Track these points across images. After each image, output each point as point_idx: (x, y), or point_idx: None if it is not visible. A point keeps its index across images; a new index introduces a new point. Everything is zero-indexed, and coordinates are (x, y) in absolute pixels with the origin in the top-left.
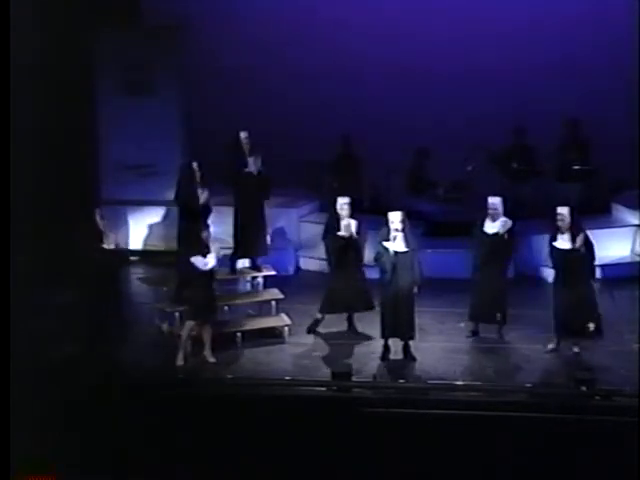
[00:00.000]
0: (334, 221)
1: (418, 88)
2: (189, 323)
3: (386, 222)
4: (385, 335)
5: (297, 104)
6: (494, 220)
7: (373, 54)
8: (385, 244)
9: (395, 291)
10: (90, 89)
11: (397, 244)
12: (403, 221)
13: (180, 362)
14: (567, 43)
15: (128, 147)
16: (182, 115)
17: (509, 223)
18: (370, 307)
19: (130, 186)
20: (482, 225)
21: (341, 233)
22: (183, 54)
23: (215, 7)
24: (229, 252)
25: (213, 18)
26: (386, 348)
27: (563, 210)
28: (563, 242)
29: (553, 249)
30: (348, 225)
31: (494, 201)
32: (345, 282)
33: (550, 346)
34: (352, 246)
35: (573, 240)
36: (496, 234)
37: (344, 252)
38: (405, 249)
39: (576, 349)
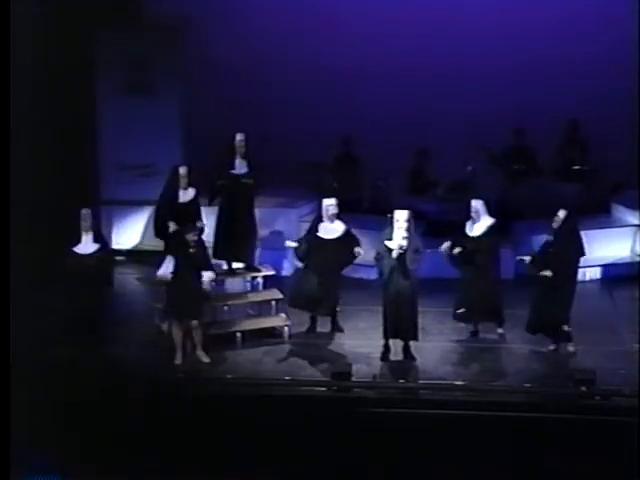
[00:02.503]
0: (317, 222)
1: (418, 88)
2: (175, 322)
3: (390, 221)
4: (387, 336)
5: (297, 104)
6: (474, 223)
7: (373, 54)
8: (387, 243)
9: (398, 291)
10: (90, 89)
11: (401, 243)
12: (408, 220)
13: (178, 361)
14: (567, 43)
15: (128, 147)
16: (182, 115)
17: (489, 222)
18: (328, 314)
19: (130, 186)
20: (463, 229)
21: (323, 236)
22: (183, 54)
23: (215, 7)
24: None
25: (213, 18)
26: (386, 348)
27: (560, 213)
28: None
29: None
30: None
31: (475, 204)
32: (314, 283)
33: (551, 347)
34: (331, 250)
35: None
36: (476, 237)
37: (320, 254)
38: (403, 250)
39: (571, 348)
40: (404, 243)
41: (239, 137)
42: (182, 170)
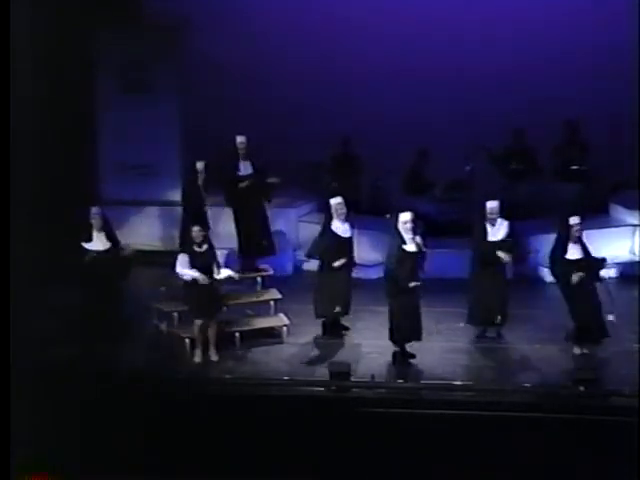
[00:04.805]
0: (329, 222)
1: (418, 88)
2: (197, 321)
3: (395, 225)
4: (400, 339)
5: (297, 104)
6: (493, 225)
7: (373, 54)
8: (405, 247)
9: (417, 291)
10: (90, 89)
11: (411, 246)
12: (414, 221)
13: (198, 359)
14: (567, 43)
15: (128, 147)
16: (182, 115)
17: (506, 226)
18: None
19: (130, 186)
20: (484, 232)
21: (341, 234)
22: (183, 54)
23: (215, 7)
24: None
25: (213, 18)
26: (398, 353)
27: (577, 220)
28: (575, 253)
29: (564, 261)
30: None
31: (493, 205)
32: (339, 284)
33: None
34: (347, 248)
35: (584, 251)
36: (500, 241)
37: (339, 254)
38: (419, 250)
39: (584, 350)
40: (419, 241)
41: (240, 139)
42: (200, 167)
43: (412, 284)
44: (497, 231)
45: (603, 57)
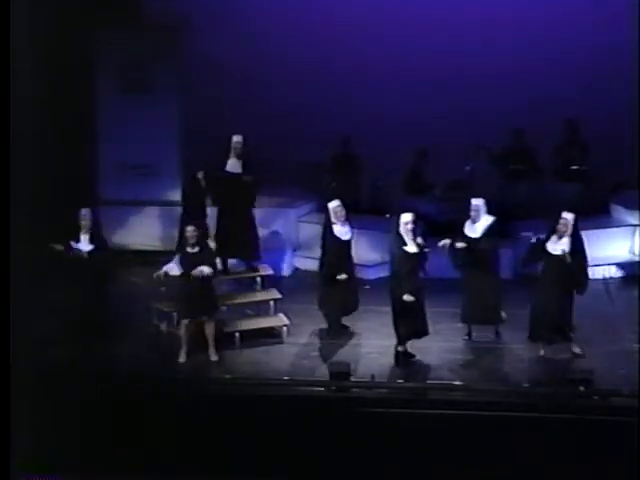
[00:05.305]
0: (329, 225)
1: (418, 88)
2: (183, 321)
3: (396, 226)
4: (405, 340)
5: (297, 104)
6: (474, 222)
7: (373, 54)
8: (405, 248)
9: (418, 290)
10: (90, 89)
11: (411, 246)
12: (415, 222)
13: (182, 359)
14: (567, 43)
15: (128, 147)
16: (182, 115)
17: (489, 221)
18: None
19: (130, 186)
20: (462, 228)
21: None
22: (183, 54)
23: (215, 7)
24: None
25: (213, 18)
26: (406, 352)
27: (568, 216)
28: (559, 247)
29: (545, 252)
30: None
31: (477, 203)
32: (344, 285)
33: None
34: (347, 251)
35: (572, 246)
36: (477, 238)
37: (343, 256)
38: (419, 250)
39: (577, 350)
40: (421, 242)
41: (236, 138)
42: (200, 176)
43: (407, 298)
44: (478, 227)
45: (603, 57)
